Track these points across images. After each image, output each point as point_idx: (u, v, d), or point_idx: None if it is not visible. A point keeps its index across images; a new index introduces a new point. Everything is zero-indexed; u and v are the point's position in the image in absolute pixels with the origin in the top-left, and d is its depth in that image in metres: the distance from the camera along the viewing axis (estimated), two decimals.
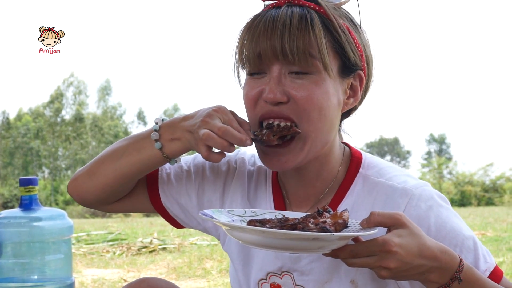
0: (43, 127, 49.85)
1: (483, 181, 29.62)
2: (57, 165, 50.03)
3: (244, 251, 1.71)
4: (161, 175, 1.75)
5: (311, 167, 1.59)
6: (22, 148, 48.24)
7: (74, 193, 1.72)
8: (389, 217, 1.35)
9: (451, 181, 31.12)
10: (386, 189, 1.57)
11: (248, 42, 1.52)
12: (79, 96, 53.85)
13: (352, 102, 1.60)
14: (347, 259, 1.35)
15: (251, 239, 1.30)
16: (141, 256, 6.93)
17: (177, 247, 7.37)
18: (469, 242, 1.52)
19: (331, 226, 1.34)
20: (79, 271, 5.89)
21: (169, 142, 1.56)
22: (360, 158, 1.66)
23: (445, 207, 1.56)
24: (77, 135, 50.66)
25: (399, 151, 69.21)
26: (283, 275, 1.62)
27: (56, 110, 51.64)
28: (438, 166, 33.44)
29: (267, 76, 1.52)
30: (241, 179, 1.74)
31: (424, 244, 1.35)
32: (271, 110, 1.51)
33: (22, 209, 3.46)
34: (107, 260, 6.58)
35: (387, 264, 1.32)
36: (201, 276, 5.52)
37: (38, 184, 3.52)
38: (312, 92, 1.49)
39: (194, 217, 1.77)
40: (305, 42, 1.47)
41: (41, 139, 49.45)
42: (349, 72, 1.57)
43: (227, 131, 1.44)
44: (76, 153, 49.89)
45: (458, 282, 1.38)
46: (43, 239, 3.44)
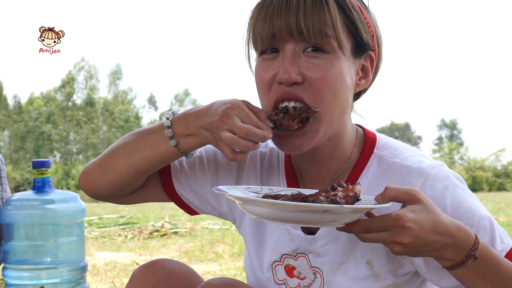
0: (55, 112, 50.06)
1: (494, 166, 29.56)
2: (68, 149, 50.29)
3: (258, 233, 1.70)
4: (173, 163, 1.74)
5: (324, 147, 1.57)
6: (33, 132, 48.48)
7: (86, 187, 1.70)
8: (404, 192, 1.34)
9: (462, 166, 31.07)
10: (401, 169, 1.55)
11: (261, 22, 1.49)
12: (90, 81, 54.07)
13: (363, 83, 1.59)
14: (360, 233, 1.34)
15: (263, 212, 1.31)
16: (153, 240, 6.94)
17: (188, 231, 7.38)
18: (485, 222, 1.50)
19: (342, 198, 1.32)
20: (91, 254, 5.90)
21: (184, 138, 1.54)
22: (375, 139, 1.64)
23: (461, 187, 1.54)
24: (88, 119, 50.86)
25: (410, 137, 69.12)
26: (298, 256, 1.61)
27: (67, 94, 51.84)
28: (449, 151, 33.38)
29: (280, 56, 1.50)
30: (254, 161, 1.72)
31: (439, 220, 1.34)
32: (286, 92, 1.49)
33: (35, 192, 3.47)
34: (119, 244, 6.59)
35: (400, 239, 1.30)
36: (212, 260, 5.52)
37: (50, 167, 3.53)
38: (327, 72, 1.47)
39: (209, 203, 1.76)
40: (320, 20, 1.45)
41: (52, 123, 49.67)
42: (362, 52, 1.55)
43: (249, 131, 1.42)
44: (88, 138, 50.11)
45: (473, 260, 1.36)
46: (56, 221, 3.46)
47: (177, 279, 1.61)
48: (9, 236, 3.45)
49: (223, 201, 1.74)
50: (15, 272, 3.42)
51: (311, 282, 1.60)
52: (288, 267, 1.63)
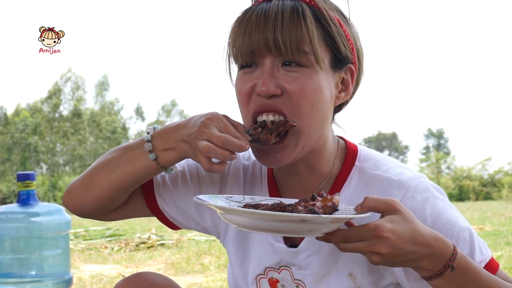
0: (41, 123, 49.81)
1: (481, 176, 29.61)
2: (55, 161, 50.02)
3: (242, 246, 1.71)
4: (156, 179, 1.74)
5: (305, 161, 1.59)
6: (20, 144, 48.20)
7: (70, 205, 1.70)
8: (383, 202, 1.36)
9: (449, 175, 31.11)
10: (382, 182, 1.57)
11: (241, 36, 1.51)
12: (77, 92, 53.83)
13: (343, 96, 1.60)
14: (339, 243, 1.35)
15: (242, 222, 1.32)
16: (139, 252, 6.92)
17: (175, 243, 7.36)
18: (465, 233, 1.52)
19: (320, 208, 1.34)
20: (77, 266, 5.88)
21: (163, 152, 1.55)
22: (356, 151, 1.66)
23: (441, 199, 1.56)
24: (75, 130, 50.63)
25: (397, 146, 69.26)
26: (281, 269, 1.62)
27: (54, 105, 51.60)
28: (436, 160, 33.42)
29: (259, 69, 1.51)
30: (237, 174, 1.73)
31: (417, 230, 1.35)
32: (265, 104, 1.50)
33: (19, 204, 3.47)
34: (105, 256, 6.57)
35: (378, 249, 1.32)
36: (199, 272, 5.51)
37: (35, 179, 3.53)
38: (305, 85, 1.48)
39: (193, 218, 1.77)
40: (297, 35, 1.47)
41: (39, 135, 49.41)
42: (341, 65, 1.56)
43: (226, 140, 1.43)
44: (74, 149, 49.87)
45: (451, 270, 1.38)
46: (41, 234, 3.45)
47: None
48: None
49: (207, 215, 1.75)
50: (0, 286, 3.41)
51: None
52: (272, 280, 1.64)
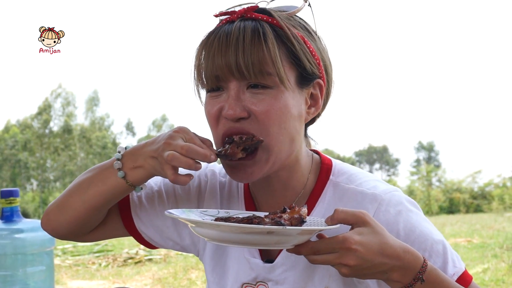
0: (31, 139, 49.65)
1: (471, 188, 29.65)
2: (45, 177, 49.83)
3: (219, 263, 1.71)
4: (132, 199, 1.75)
5: (278, 177, 1.60)
6: (10, 160, 48.02)
7: (48, 228, 1.71)
8: (352, 214, 1.37)
9: (439, 188, 31.13)
10: (356, 195, 1.58)
11: (205, 61, 1.51)
12: (67, 107, 53.73)
13: (313, 111, 1.61)
14: (309, 255, 1.36)
15: (211, 234, 1.33)
16: (127, 267, 6.91)
17: (163, 258, 7.35)
18: (438, 246, 1.53)
19: (286, 220, 1.35)
20: (64, 283, 5.86)
21: (131, 170, 1.55)
22: (330, 165, 1.67)
23: (415, 212, 1.57)
24: (65, 146, 50.49)
25: (388, 159, 69.41)
26: (258, 285, 1.63)
27: (44, 121, 51.48)
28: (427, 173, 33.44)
29: (225, 93, 1.52)
30: (214, 191, 1.74)
31: (386, 242, 1.36)
32: (233, 127, 1.51)
33: (3, 221, 3.46)
34: (93, 272, 6.55)
35: (346, 261, 1.33)
36: (186, 287, 5.51)
37: (19, 196, 3.52)
38: (271, 106, 1.49)
39: (170, 238, 1.77)
40: (259, 57, 1.47)
41: (29, 151, 49.24)
42: (307, 82, 1.56)
43: (190, 149, 1.43)
44: (65, 165, 49.72)
45: (421, 283, 1.39)
46: (25, 251, 3.44)
47: None
48: None
49: (185, 233, 1.76)
50: None
51: None
52: None
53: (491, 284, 5.17)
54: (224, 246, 1.70)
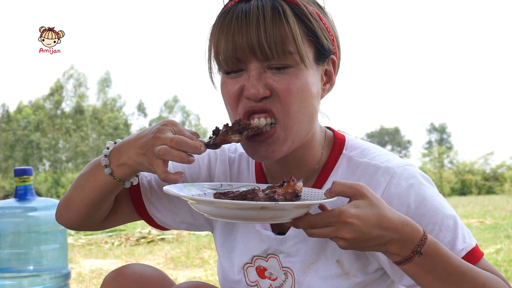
0: (43, 120, 49.82)
1: (483, 170, 29.59)
2: (57, 157, 50.04)
3: (229, 238, 1.71)
4: (143, 184, 1.75)
5: (294, 154, 1.59)
6: (22, 141, 48.24)
7: (61, 222, 1.73)
8: (350, 187, 1.36)
9: (451, 170, 31.08)
10: (369, 169, 1.57)
11: (223, 42, 1.49)
12: (79, 89, 53.82)
13: (328, 87, 1.60)
14: (307, 229, 1.36)
15: (207, 210, 1.33)
16: (140, 247, 6.94)
17: (175, 238, 7.38)
18: (449, 221, 1.51)
19: (280, 195, 1.35)
20: (77, 262, 5.89)
21: (117, 167, 1.54)
22: (343, 140, 1.66)
23: (427, 186, 1.56)
24: (77, 127, 50.65)
25: (399, 141, 69.23)
26: (269, 257, 1.63)
27: (56, 102, 51.62)
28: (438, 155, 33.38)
29: (245, 73, 1.50)
30: (223, 166, 1.74)
31: (384, 215, 1.35)
32: (255, 106, 1.49)
33: (17, 200, 3.47)
34: (106, 251, 6.58)
35: (343, 234, 1.32)
36: (198, 266, 5.52)
37: (33, 175, 3.53)
38: (293, 85, 1.48)
39: (183, 220, 1.78)
40: (281, 36, 1.45)
41: (41, 132, 49.43)
42: (324, 59, 1.56)
43: (181, 141, 1.41)
44: (77, 146, 49.90)
45: (418, 256, 1.38)
46: (39, 229, 3.46)
47: (149, 284, 1.61)
48: None
49: (200, 214, 1.76)
50: None
51: (282, 283, 1.62)
52: (259, 269, 1.65)
53: (504, 264, 5.15)
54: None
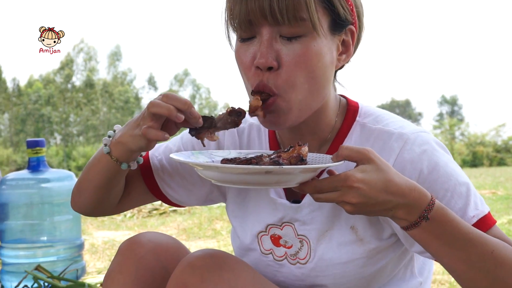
0: (54, 94, 49.99)
1: (495, 142, 29.59)
2: (68, 131, 50.27)
3: (242, 207, 1.71)
4: (153, 163, 1.74)
5: (307, 122, 1.57)
6: (33, 115, 48.46)
7: (76, 209, 1.72)
8: (357, 151, 1.34)
9: (463, 142, 31.10)
10: (383, 135, 1.55)
11: (238, 4, 1.46)
12: (89, 62, 53.92)
13: (344, 58, 1.56)
14: (313, 194, 1.35)
15: (213, 176, 1.33)
16: (152, 218, 6.96)
17: (187, 209, 7.40)
18: (461, 188, 1.49)
19: (285, 159, 1.34)
20: (90, 233, 5.92)
21: (114, 145, 1.52)
22: (357, 107, 1.64)
23: (441, 153, 1.54)
24: (88, 101, 50.82)
25: (410, 113, 69.10)
26: (284, 226, 1.62)
27: (66, 76, 51.75)
28: (450, 127, 33.39)
29: (257, 39, 1.48)
30: (232, 137, 1.73)
31: (390, 180, 1.33)
32: (261, 82, 1.46)
33: (30, 171, 3.48)
34: (118, 223, 6.61)
35: (349, 199, 1.31)
36: (211, 237, 5.54)
37: (45, 146, 3.54)
38: (303, 55, 1.45)
39: (198, 196, 1.78)
40: (294, 2, 1.42)
41: (52, 106, 49.62)
42: (340, 28, 1.52)
43: (171, 95, 1.40)
44: (88, 119, 50.10)
45: (425, 221, 1.36)
46: (52, 200, 3.47)
47: (164, 252, 1.61)
48: (5, 215, 3.46)
49: (214, 186, 1.76)
50: (11, 251, 3.43)
51: (298, 250, 1.61)
52: (274, 237, 1.64)
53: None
54: (247, 189, 1.69)
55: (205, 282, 1.39)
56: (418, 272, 1.69)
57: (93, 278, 3.56)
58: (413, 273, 1.68)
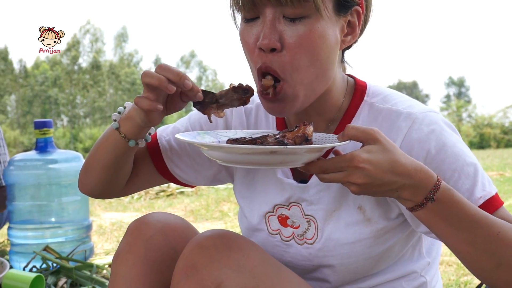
0: (61, 75, 50.02)
1: (502, 123, 29.53)
2: (75, 113, 50.34)
3: (250, 188, 1.71)
4: (162, 144, 1.74)
5: (313, 104, 1.56)
6: (40, 97, 48.51)
7: (83, 191, 1.72)
8: (363, 131, 1.33)
9: (470, 123, 31.06)
10: (391, 115, 1.54)
11: None
12: (95, 44, 53.93)
13: (350, 39, 1.55)
14: (319, 174, 1.34)
15: (218, 156, 1.32)
16: (159, 200, 6.98)
17: (194, 191, 7.42)
18: (469, 168, 1.48)
19: (290, 139, 1.34)
20: (98, 214, 5.94)
21: (123, 121, 1.53)
22: (365, 86, 1.63)
23: (449, 133, 1.52)
24: (94, 82, 50.85)
25: (417, 95, 68.91)
26: (291, 206, 1.62)
27: (73, 58, 51.76)
28: (457, 109, 33.33)
29: (260, 20, 1.47)
30: (239, 117, 1.73)
31: (396, 160, 1.32)
32: (264, 64, 1.46)
33: (37, 152, 3.49)
34: (126, 204, 6.63)
35: (354, 179, 1.30)
36: (218, 218, 5.55)
37: (53, 127, 3.54)
38: (306, 37, 1.44)
39: (206, 175, 1.78)
40: None
41: (58, 87, 49.65)
42: (345, 9, 1.51)
43: (165, 66, 1.39)
44: (94, 101, 50.16)
45: (431, 202, 1.35)
46: (60, 181, 3.47)
47: (172, 232, 1.61)
48: (13, 196, 3.47)
49: (222, 167, 1.76)
50: (20, 232, 3.45)
51: (305, 230, 1.61)
52: (281, 217, 1.64)
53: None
54: (254, 170, 1.69)
55: (214, 262, 1.39)
56: (426, 253, 1.69)
57: (101, 259, 3.57)
58: (421, 253, 1.68)
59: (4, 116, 46.25)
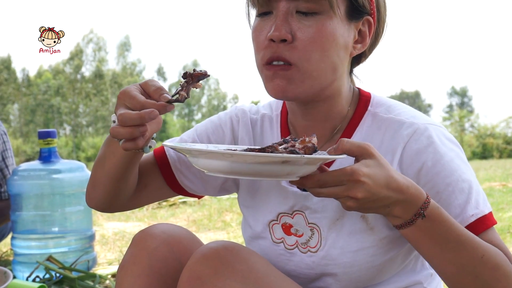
0: (64, 84, 50.10)
1: (505, 133, 29.48)
2: (78, 122, 50.39)
3: (254, 197, 1.71)
4: (170, 155, 1.74)
5: (319, 107, 1.58)
6: (43, 106, 48.57)
7: (91, 205, 1.71)
8: (358, 146, 1.33)
9: (472, 133, 31.02)
10: (394, 124, 1.55)
11: None
12: (98, 53, 54.03)
13: (360, 47, 1.57)
14: (314, 188, 1.33)
15: (219, 165, 1.26)
16: (162, 210, 6.97)
17: (197, 201, 7.40)
18: (463, 184, 1.49)
19: (300, 149, 1.30)
20: (101, 224, 5.93)
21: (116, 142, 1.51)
22: (369, 97, 1.65)
23: (449, 147, 1.53)
24: (97, 91, 50.90)
25: (420, 105, 68.93)
26: (295, 214, 1.62)
27: (76, 67, 51.84)
28: (459, 119, 33.30)
29: (274, 14, 1.50)
30: (245, 128, 1.73)
31: (391, 176, 1.33)
32: (274, 53, 1.48)
33: (41, 162, 3.49)
34: (128, 214, 6.61)
35: (354, 194, 1.29)
36: (220, 228, 5.55)
37: (56, 137, 3.55)
38: (318, 33, 1.46)
39: (213, 185, 1.78)
40: None
41: (61, 96, 49.72)
42: (357, 15, 1.53)
43: (123, 117, 1.34)
44: (97, 110, 50.19)
45: (422, 218, 1.35)
46: (63, 191, 3.48)
47: (177, 244, 1.61)
48: (17, 206, 3.48)
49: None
50: (23, 242, 3.45)
51: (309, 239, 1.62)
52: (285, 226, 1.64)
53: None
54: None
55: (218, 274, 1.39)
56: (429, 264, 1.69)
57: (104, 269, 3.57)
58: (424, 264, 1.68)
59: (7, 125, 46.28)
